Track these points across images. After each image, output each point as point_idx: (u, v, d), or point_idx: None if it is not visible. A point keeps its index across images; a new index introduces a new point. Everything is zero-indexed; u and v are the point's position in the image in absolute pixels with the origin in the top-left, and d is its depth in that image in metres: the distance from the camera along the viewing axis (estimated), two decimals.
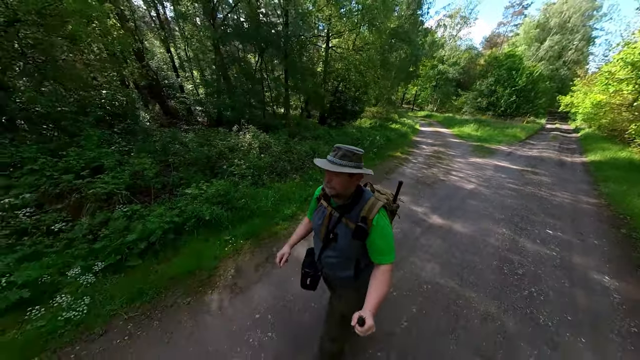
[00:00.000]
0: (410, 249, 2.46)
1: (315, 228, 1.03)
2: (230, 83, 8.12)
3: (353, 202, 0.91)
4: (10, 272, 1.62)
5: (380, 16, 7.18)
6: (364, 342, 1.47)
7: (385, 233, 0.86)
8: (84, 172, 2.59)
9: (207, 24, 7.36)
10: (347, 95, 9.96)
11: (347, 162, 0.83)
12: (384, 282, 0.83)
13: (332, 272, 1.03)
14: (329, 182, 0.87)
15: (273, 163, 3.89)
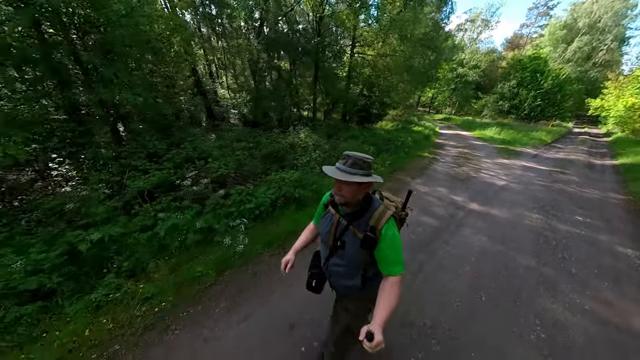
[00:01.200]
0: (457, 225, 3.04)
1: (322, 235, 1.01)
2: (270, 88, 9.06)
3: (361, 210, 0.89)
4: (193, 222, 2.43)
5: (410, 27, 7.79)
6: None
7: (395, 243, 0.85)
8: (201, 160, 3.44)
9: (253, 37, 8.38)
10: (372, 99, 10.60)
11: (357, 170, 0.82)
12: (394, 295, 0.81)
13: (338, 281, 1.01)
14: (339, 190, 0.86)
15: (326, 158, 4.61)
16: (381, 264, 0.87)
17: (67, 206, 2.37)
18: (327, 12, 8.27)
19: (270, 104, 8.15)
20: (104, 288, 1.80)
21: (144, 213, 2.50)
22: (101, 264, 1.98)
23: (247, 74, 9.87)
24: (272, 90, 9.02)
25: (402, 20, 7.81)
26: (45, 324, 1.55)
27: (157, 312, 1.67)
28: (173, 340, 1.51)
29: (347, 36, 9.74)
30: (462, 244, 2.61)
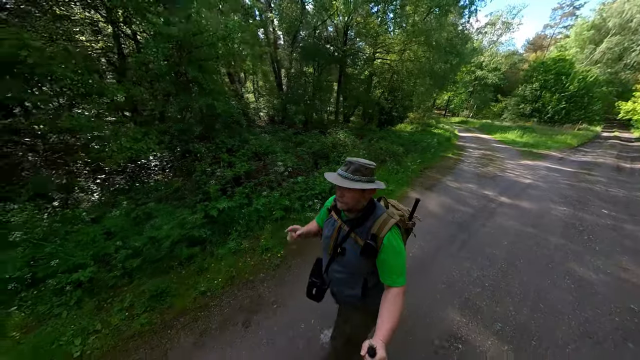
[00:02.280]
0: (491, 213, 3.52)
1: (324, 240, 1.01)
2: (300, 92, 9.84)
3: (364, 217, 0.88)
4: (278, 202, 3.11)
5: (436, 34, 8.25)
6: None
7: (397, 253, 0.82)
8: (268, 155, 4.17)
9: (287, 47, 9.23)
10: (394, 102, 11.10)
11: (359, 177, 0.81)
12: (397, 308, 0.78)
13: (338, 289, 1.00)
14: (341, 197, 0.85)
15: (366, 155, 5.22)
16: (383, 273, 0.84)
17: (187, 185, 3.15)
18: (353, 22, 8.95)
19: (300, 107, 8.90)
20: (232, 242, 2.50)
21: (238, 194, 3.23)
22: (226, 227, 2.69)
23: (272, 79, 10.72)
24: (302, 95, 9.79)
25: (427, 29, 8.29)
26: (207, 261, 2.26)
27: (279, 258, 2.34)
28: (297, 275, 2.16)
29: (372, 43, 10.35)
30: (497, 227, 3.10)
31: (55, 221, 2.38)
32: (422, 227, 3.02)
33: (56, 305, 1.73)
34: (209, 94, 3.87)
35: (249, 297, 1.89)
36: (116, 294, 1.86)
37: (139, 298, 1.78)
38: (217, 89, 4.13)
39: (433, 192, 4.29)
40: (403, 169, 5.12)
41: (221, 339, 1.55)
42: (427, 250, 2.55)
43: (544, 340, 1.62)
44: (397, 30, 8.89)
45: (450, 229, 3.01)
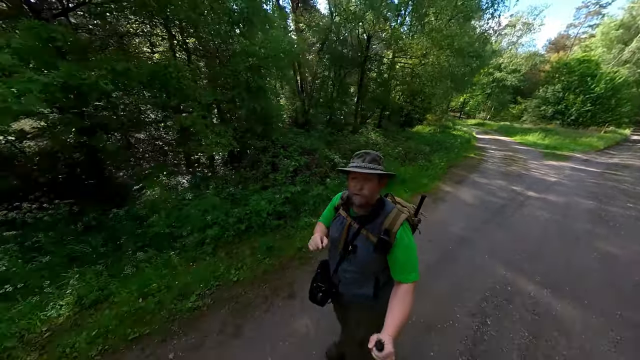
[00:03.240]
0: (520, 204, 3.92)
1: (333, 240, 0.98)
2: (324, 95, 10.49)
3: (374, 213, 0.87)
4: (331, 189, 3.70)
5: (457, 39, 8.62)
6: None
7: (409, 248, 0.82)
8: (315, 151, 4.78)
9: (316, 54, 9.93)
10: (414, 104, 11.49)
11: (376, 166, 0.82)
12: (407, 304, 0.77)
13: (348, 289, 0.97)
14: (360, 189, 0.83)
15: (400, 153, 5.73)
16: (395, 270, 0.83)
17: (255, 174, 3.82)
18: (376, 29, 9.50)
19: (326, 110, 9.54)
20: (305, 218, 3.11)
21: (298, 182, 3.85)
22: (297, 207, 3.31)
23: (292, 83, 11.44)
24: (326, 98, 10.43)
25: (450, 34, 8.68)
26: (291, 230, 2.87)
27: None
28: None
29: (394, 49, 10.84)
30: (527, 214, 3.52)
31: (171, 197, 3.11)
32: (459, 212, 3.50)
33: (199, 253, 2.40)
34: (267, 98, 4.56)
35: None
36: (236, 247, 2.51)
37: (257, 250, 2.41)
38: (272, 94, 4.82)
39: (463, 186, 4.72)
40: (432, 166, 5.57)
41: None
42: (467, 229, 3.03)
43: (576, 287, 2.08)
44: (419, 36, 9.31)
45: (485, 215, 3.46)
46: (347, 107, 11.37)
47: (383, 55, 11.00)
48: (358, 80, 11.00)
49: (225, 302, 1.85)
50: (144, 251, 2.29)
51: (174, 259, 2.29)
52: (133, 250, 2.31)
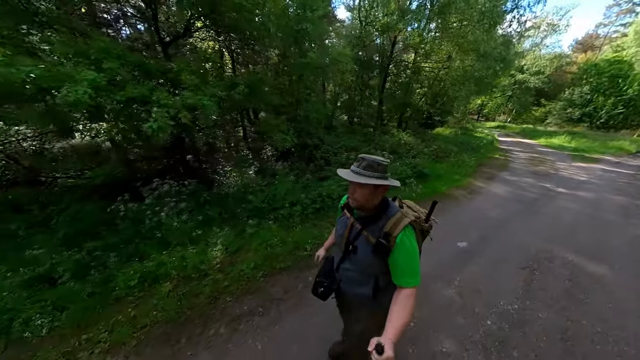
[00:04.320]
0: (552, 198, 4.31)
1: (337, 238, 1.02)
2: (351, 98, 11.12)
3: (376, 216, 0.87)
4: None
5: (485, 46, 8.95)
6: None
7: (410, 253, 0.81)
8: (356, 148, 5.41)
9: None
10: (436, 107, 11.83)
11: (371, 173, 0.81)
12: (407, 308, 0.77)
13: (348, 287, 0.99)
14: (353, 193, 0.85)
15: (431, 152, 6.23)
16: (395, 274, 0.83)
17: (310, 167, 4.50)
18: (405, 38, 10.03)
19: (352, 112, 10.16)
20: None
21: None
22: None
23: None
24: (351, 101, 11.06)
25: (475, 40, 9.03)
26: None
27: None
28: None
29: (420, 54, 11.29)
30: (559, 206, 3.92)
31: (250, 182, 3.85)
32: (494, 203, 3.98)
33: (291, 223, 3.08)
34: (316, 102, 5.27)
35: None
36: (317, 221, 3.16)
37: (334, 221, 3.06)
38: (320, 99, 5.52)
39: (494, 182, 5.14)
40: (462, 164, 6.01)
41: None
42: (505, 215, 3.50)
43: (608, 257, 2.52)
44: (444, 42, 9.71)
45: (518, 205, 3.90)
46: (370, 109, 11.94)
47: (407, 61, 11.48)
48: (380, 84, 11.58)
49: None
50: (252, 219, 3.00)
51: (272, 226, 2.98)
52: (244, 218, 3.03)
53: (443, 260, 2.38)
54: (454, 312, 1.79)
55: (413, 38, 10.13)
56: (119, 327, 1.62)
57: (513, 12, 12.21)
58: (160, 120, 1.86)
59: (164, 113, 1.92)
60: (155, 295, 1.91)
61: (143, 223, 2.62)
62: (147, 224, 2.61)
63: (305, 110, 4.97)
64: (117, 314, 1.72)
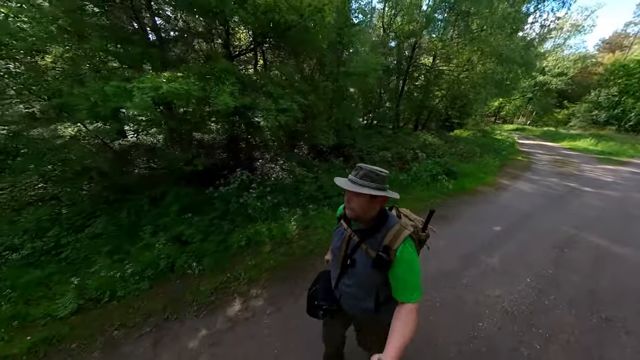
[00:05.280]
0: (577, 195, 4.60)
1: (334, 250, 0.98)
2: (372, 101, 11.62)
3: (375, 227, 0.84)
4: (415, 175, 4.79)
5: (507, 50, 9.17)
6: None
7: (412, 267, 0.79)
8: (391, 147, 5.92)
9: None
10: (455, 109, 12.07)
11: (368, 183, 0.78)
12: (409, 325, 0.74)
13: (350, 302, 0.96)
14: (349, 202, 0.82)
15: (457, 153, 6.62)
16: (396, 288, 0.81)
17: (350, 163, 5.06)
18: (422, 41, 10.42)
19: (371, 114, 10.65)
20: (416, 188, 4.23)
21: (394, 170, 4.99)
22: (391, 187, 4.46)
23: None
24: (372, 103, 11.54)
25: (497, 45, 9.26)
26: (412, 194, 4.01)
27: (445, 194, 3.98)
28: (458, 198, 3.74)
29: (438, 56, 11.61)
30: (585, 203, 4.22)
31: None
32: (521, 198, 4.35)
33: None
34: (351, 105, 5.84)
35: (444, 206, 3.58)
36: None
37: None
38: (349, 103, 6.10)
39: (520, 181, 5.46)
40: (487, 164, 6.34)
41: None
42: (533, 208, 3.88)
43: (633, 242, 2.86)
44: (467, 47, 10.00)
45: (545, 200, 4.25)
46: (390, 111, 12.38)
47: (428, 64, 11.83)
48: (399, 87, 11.98)
49: None
50: (311, 205, 3.60)
51: (328, 211, 3.56)
52: (304, 204, 3.63)
53: (482, 240, 2.85)
54: (499, 273, 2.27)
55: (434, 43, 10.52)
56: (249, 270, 2.23)
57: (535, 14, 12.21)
58: (269, 120, 2.49)
59: (270, 115, 2.55)
60: (260, 253, 2.52)
61: (230, 203, 3.28)
62: (234, 205, 3.26)
63: (339, 112, 5.56)
64: (241, 263, 2.35)
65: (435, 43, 10.26)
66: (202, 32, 4.13)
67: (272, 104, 2.67)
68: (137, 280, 2.07)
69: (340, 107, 5.63)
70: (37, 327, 1.67)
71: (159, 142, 4.57)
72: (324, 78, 5.13)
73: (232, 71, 2.67)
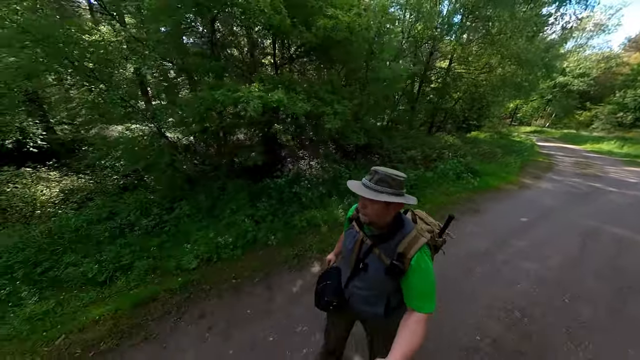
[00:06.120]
0: (602, 194, 4.80)
1: (345, 253, 0.97)
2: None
3: (390, 233, 0.81)
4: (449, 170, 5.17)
5: (528, 53, 9.30)
6: None
7: (426, 276, 0.76)
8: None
9: None
10: (473, 111, 12.20)
11: (384, 188, 0.75)
12: (417, 334, 0.71)
13: (359, 305, 0.95)
14: (363, 208, 0.79)
15: (475, 152, 6.90)
16: (408, 297, 0.79)
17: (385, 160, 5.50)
18: (441, 45, 10.70)
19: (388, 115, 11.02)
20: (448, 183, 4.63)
21: (409, 168, 5.40)
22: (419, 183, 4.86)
23: None
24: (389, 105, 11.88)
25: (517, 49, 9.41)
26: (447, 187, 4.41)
27: (470, 188, 4.35)
28: (482, 194, 4.10)
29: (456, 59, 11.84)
30: (610, 201, 4.44)
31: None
32: (545, 195, 4.63)
33: None
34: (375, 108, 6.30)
35: (472, 200, 3.96)
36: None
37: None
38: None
39: (543, 180, 5.69)
40: (508, 165, 6.58)
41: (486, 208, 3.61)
42: (557, 203, 4.16)
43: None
44: (487, 50, 10.18)
45: (569, 197, 4.50)
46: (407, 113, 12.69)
47: (442, 67, 12.07)
48: (417, 89, 12.28)
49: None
50: (349, 196, 4.08)
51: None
52: (345, 195, 4.12)
53: (511, 228, 3.21)
54: (530, 253, 2.64)
55: (453, 47, 10.78)
56: (315, 244, 2.74)
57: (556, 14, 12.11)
58: (332, 122, 3.02)
59: (335, 117, 3.08)
60: (319, 233, 3.02)
61: (284, 193, 3.82)
62: (287, 194, 3.80)
63: (368, 115, 6.03)
64: (306, 240, 2.85)
65: (454, 47, 10.53)
66: (253, 45, 4.76)
67: (330, 109, 3.18)
68: (232, 248, 2.62)
69: (369, 110, 6.11)
70: (174, 275, 2.24)
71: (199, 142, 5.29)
72: (357, 84, 5.64)
73: (296, 82, 3.21)
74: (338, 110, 3.27)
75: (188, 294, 2.01)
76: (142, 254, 2.47)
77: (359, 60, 4.93)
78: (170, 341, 1.61)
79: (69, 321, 1.76)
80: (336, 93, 3.73)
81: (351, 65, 5.05)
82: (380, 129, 8.33)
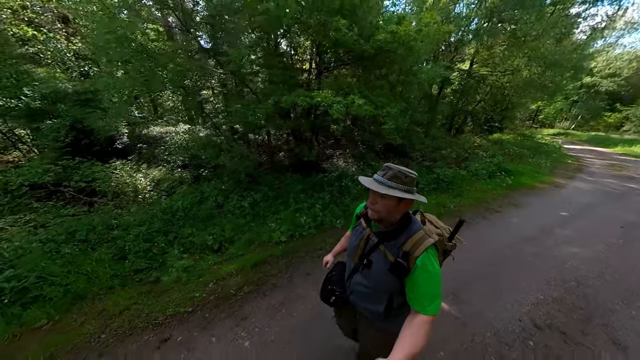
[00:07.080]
0: (638, 194, 4.89)
1: (350, 248, 0.97)
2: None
3: (397, 231, 0.81)
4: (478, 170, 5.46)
5: (556, 55, 9.30)
6: None
7: (431, 277, 0.74)
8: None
9: None
10: (497, 113, 12.20)
11: (397, 185, 0.75)
12: (420, 337, 0.70)
13: (359, 301, 0.94)
14: (373, 204, 0.79)
15: (503, 153, 7.09)
16: (411, 297, 0.77)
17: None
18: (465, 48, 10.86)
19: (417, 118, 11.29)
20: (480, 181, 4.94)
21: (440, 166, 5.72)
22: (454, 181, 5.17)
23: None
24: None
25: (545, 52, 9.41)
26: (460, 189, 4.73)
27: (503, 187, 4.63)
28: (511, 193, 4.37)
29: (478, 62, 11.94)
30: (634, 197, 4.56)
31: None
32: (580, 195, 4.83)
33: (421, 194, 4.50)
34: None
35: (508, 196, 4.25)
36: (437, 195, 4.49)
37: (450, 194, 4.36)
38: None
39: (576, 180, 5.80)
40: (539, 165, 6.71)
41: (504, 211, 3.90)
42: (593, 200, 4.35)
43: None
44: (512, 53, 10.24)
45: (605, 196, 4.66)
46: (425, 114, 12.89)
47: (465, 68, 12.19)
48: (437, 92, 12.46)
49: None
50: None
51: None
52: None
53: (553, 219, 3.50)
54: (575, 239, 2.94)
55: (476, 49, 10.92)
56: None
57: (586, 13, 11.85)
58: (389, 123, 3.47)
59: (392, 120, 3.53)
60: None
61: (333, 186, 4.30)
62: (336, 187, 4.28)
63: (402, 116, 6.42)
64: None
65: (477, 49, 10.67)
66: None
67: (385, 111, 3.63)
68: (307, 228, 3.11)
69: (406, 112, 6.50)
70: (270, 246, 2.76)
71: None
72: (401, 86, 6.06)
73: (356, 86, 3.69)
74: (391, 112, 3.71)
75: (290, 259, 2.51)
76: (238, 229, 3.02)
77: (404, 64, 5.35)
78: (294, 289, 2.11)
79: (209, 274, 2.30)
80: (386, 96, 4.18)
81: (394, 68, 5.48)
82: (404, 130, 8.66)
